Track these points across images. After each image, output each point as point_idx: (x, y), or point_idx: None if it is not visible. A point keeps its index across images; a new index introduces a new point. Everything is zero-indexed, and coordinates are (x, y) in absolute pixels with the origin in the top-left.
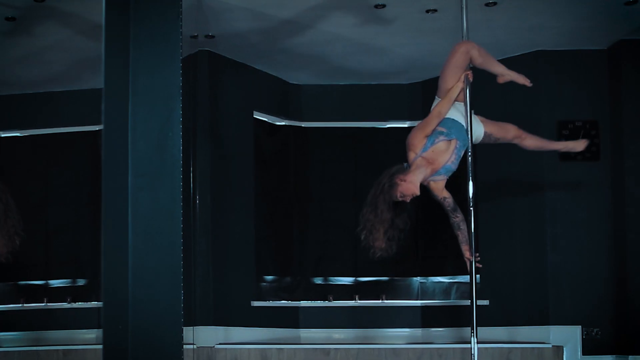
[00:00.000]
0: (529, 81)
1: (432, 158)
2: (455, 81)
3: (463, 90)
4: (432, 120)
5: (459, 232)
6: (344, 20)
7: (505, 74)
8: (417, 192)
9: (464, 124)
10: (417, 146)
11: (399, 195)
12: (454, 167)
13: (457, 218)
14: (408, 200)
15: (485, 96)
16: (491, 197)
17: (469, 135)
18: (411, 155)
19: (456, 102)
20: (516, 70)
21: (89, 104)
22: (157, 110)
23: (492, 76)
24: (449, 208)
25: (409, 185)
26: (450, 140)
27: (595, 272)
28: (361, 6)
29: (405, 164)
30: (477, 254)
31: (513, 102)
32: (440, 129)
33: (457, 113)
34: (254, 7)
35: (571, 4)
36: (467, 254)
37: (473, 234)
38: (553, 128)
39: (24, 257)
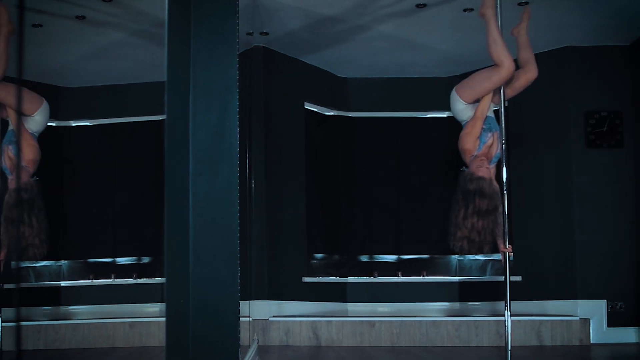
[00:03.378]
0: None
1: (486, 153)
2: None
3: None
4: (477, 123)
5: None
6: (387, 19)
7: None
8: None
9: (492, 114)
10: (472, 150)
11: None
12: (499, 154)
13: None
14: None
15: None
16: (523, 182)
17: (502, 125)
18: (468, 158)
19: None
20: (546, 64)
21: (153, 96)
22: (215, 102)
23: None
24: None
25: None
26: (493, 132)
27: (619, 250)
28: (404, 5)
29: (463, 168)
30: (510, 247)
31: (543, 94)
32: (483, 126)
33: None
34: (305, 6)
35: (597, 4)
36: (501, 246)
37: (507, 216)
38: (580, 118)
39: (93, 237)
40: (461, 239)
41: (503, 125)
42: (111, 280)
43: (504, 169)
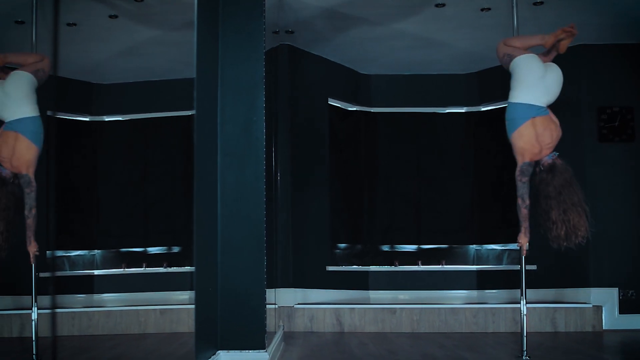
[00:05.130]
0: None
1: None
2: None
3: None
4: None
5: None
6: (408, 18)
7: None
8: None
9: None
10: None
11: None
12: None
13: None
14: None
15: None
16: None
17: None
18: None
19: None
20: (561, 62)
21: (183, 92)
22: (242, 97)
23: None
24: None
25: None
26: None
27: (630, 240)
28: (424, 5)
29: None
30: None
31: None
32: None
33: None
34: (329, 6)
35: (610, 3)
36: (521, 237)
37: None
38: (594, 113)
39: (125, 227)
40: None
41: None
42: (142, 269)
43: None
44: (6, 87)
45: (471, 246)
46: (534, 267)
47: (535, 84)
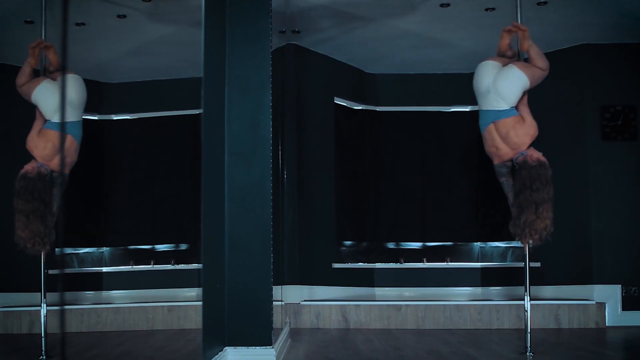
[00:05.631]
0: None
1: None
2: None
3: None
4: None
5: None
6: (413, 18)
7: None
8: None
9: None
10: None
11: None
12: None
13: None
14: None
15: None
16: None
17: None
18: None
19: None
20: (564, 61)
21: (190, 91)
22: (249, 96)
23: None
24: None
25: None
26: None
27: (633, 237)
28: (429, 5)
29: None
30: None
31: (561, 89)
32: None
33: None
34: (335, 6)
35: (612, 3)
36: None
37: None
38: (596, 111)
39: (133, 225)
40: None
41: None
42: (150, 266)
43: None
44: (69, 92)
45: (475, 244)
46: (537, 264)
47: (486, 90)
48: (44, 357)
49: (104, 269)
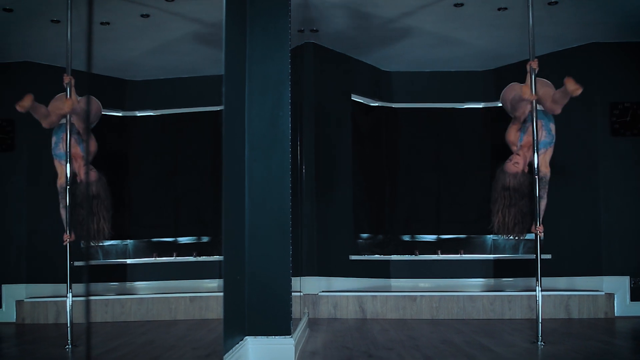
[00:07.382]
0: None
1: (530, 143)
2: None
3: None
4: (517, 122)
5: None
6: (428, 17)
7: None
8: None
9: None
10: (515, 142)
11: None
12: (547, 141)
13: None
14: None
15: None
16: (553, 168)
17: (534, 113)
18: (513, 149)
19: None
20: (574, 59)
21: (211, 88)
22: (269, 93)
23: (555, 68)
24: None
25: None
26: (534, 122)
27: None
28: (443, 5)
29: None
30: (541, 227)
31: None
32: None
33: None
34: (352, 5)
35: (621, 3)
36: (532, 228)
37: (538, 200)
38: (606, 108)
39: (156, 218)
40: (498, 223)
41: (535, 116)
42: (173, 258)
43: (535, 155)
44: (91, 114)
45: (488, 236)
46: (548, 256)
47: None
48: (70, 346)
49: (128, 261)
